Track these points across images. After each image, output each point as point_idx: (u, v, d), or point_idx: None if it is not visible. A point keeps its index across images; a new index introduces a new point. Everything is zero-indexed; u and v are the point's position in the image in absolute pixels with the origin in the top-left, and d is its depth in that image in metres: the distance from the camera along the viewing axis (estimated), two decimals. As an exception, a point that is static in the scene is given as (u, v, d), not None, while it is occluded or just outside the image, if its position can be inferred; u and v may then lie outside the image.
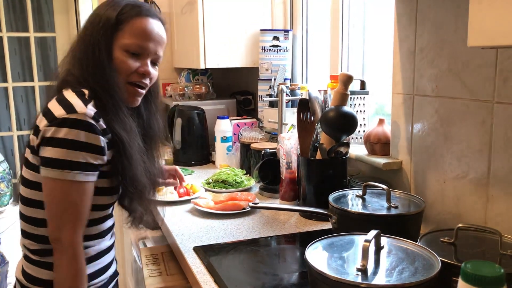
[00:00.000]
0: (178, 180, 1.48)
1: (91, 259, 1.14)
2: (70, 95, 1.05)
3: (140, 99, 1.18)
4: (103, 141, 1.04)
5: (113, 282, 1.25)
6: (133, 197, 1.17)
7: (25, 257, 1.14)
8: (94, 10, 1.17)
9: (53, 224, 1.04)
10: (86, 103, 1.03)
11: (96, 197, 1.09)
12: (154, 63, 1.18)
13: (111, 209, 1.20)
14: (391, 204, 1.16)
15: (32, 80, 3.97)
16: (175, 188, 1.61)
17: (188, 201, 1.66)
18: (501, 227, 1.07)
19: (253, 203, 1.29)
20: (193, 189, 1.74)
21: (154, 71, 1.17)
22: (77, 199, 1.03)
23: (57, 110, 1.02)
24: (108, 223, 1.20)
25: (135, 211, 1.22)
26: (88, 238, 1.13)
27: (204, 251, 1.23)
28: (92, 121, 1.02)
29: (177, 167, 1.49)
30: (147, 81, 1.16)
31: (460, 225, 1.01)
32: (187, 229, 1.41)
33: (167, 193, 1.69)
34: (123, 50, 1.11)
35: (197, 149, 2.27)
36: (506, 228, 1.10)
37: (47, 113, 1.04)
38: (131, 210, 1.21)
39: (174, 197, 1.67)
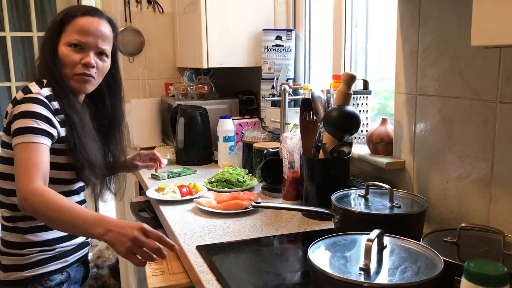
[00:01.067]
0: (157, 162, 1.74)
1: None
2: (31, 84, 1.31)
3: (89, 86, 1.37)
4: (53, 117, 1.25)
5: (83, 250, 1.46)
6: (87, 171, 1.35)
7: (2, 226, 1.35)
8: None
9: (16, 185, 1.16)
10: (41, 87, 1.29)
11: (56, 172, 1.30)
12: (101, 55, 1.37)
13: (75, 186, 1.41)
14: (393, 204, 1.16)
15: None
16: (155, 170, 1.80)
17: (190, 200, 1.66)
18: (504, 227, 1.07)
19: (255, 202, 1.30)
20: (195, 189, 1.75)
21: (100, 62, 1.37)
22: (35, 157, 1.18)
23: (19, 95, 1.28)
24: (74, 198, 1.40)
25: (93, 185, 1.42)
26: None
27: (206, 250, 1.23)
28: (45, 100, 1.26)
29: (155, 151, 1.76)
30: (92, 71, 1.35)
31: (463, 224, 1.01)
32: (190, 228, 1.41)
33: (169, 192, 1.69)
34: (67, 45, 1.33)
35: (199, 149, 2.27)
36: (509, 228, 1.10)
37: (13, 99, 1.29)
38: (90, 183, 1.41)
39: (177, 196, 1.67)
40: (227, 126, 2.17)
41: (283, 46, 2.23)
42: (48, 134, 1.23)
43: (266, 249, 1.28)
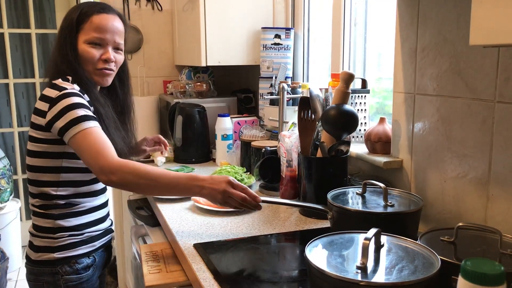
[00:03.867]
0: (162, 146, 1.87)
1: (85, 212, 1.45)
2: (59, 82, 1.37)
3: (110, 79, 1.48)
4: (90, 105, 1.36)
5: (108, 236, 1.56)
6: None
7: (33, 212, 1.45)
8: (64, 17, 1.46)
9: (94, 167, 1.26)
10: (72, 83, 1.37)
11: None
12: (117, 49, 1.46)
13: None
14: (387, 203, 1.16)
15: (33, 76, 3.97)
16: (161, 153, 1.93)
17: (188, 198, 1.66)
18: (501, 227, 1.07)
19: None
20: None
21: (118, 56, 1.47)
22: (101, 139, 1.28)
23: (52, 93, 1.33)
24: (99, 185, 1.49)
25: None
26: (82, 196, 1.44)
27: (204, 248, 1.23)
28: (80, 93, 1.35)
29: (160, 135, 1.89)
30: (111, 66, 1.45)
31: (460, 224, 1.01)
32: (187, 226, 1.41)
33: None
34: (86, 43, 1.40)
35: (197, 147, 2.27)
36: (506, 228, 1.10)
37: (45, 97, 1.34)
38: None
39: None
40: (225, 124, 2.16)
41: (281, 44, 2.23)
42: (94, 118, 1.33)
43: (264, 248, 1.28)
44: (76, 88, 1.36)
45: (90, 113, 1.32)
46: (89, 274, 1.47)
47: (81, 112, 1.29)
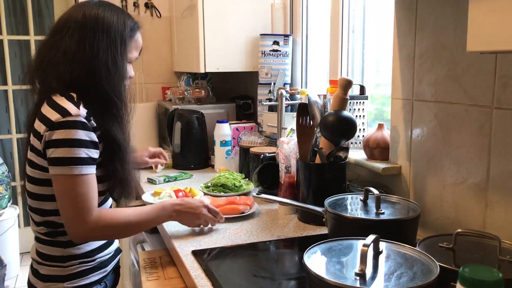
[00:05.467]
0: (162, 158, 1.93)
1: None
2: (60, 99, 1.20)
3: None
4: (95, 137, 1.20)
5: (118, 257, 1.46)
6: (121, 178, 1.31)
7: (38, 239, 1.30)
8: (96, 17, 1.25)
9: (67, 215, 1.19)
10: (77, 105, 1.19)
11: (98, 185, 1.24)
12: None
13: (107, 194, 1.35)
14: (378, 211, 1.16)
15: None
16: (161, 165, 1.99)
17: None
18: (500, 233, 1.07)
19: (257, 193, 1.39)
20: (192, 193, 1.74)
21: None
22: (85, 190, 1.18)
23: (53, 115, 1.17)
24: (107, 205, 1.37)
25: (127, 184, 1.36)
26: None
27: (202, 255, 1.23)
28: (86, 121, 1.18)
29: (162, 149, 1.95)
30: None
31: (459, 230, 1.01)
32: (185, 233, 1.41)
33: (165, 196, 1.68)
34: (129, 62, 1.32)
35: (196, 153, 2.27)
36: (505, 234, 1.10)
37: (43, 118, 1.18)
38: (125, 186, 1.35)
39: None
40: (224, 131, 2.17)
41: (280, 51, 2.24)
42: (93, 160, 1.20)
43: (262, 254, 1.27)
44: (82, 113, 1.18)
45: (90, 154, 1.18)
46: None
47: (77, 152, 1.15)
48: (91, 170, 1.19)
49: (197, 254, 1.24)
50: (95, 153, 1.19)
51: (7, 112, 3.94)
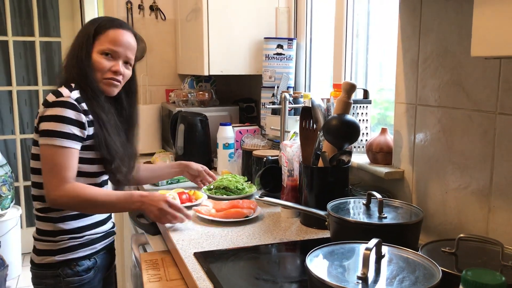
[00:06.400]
0: (208, 177, 1.90)
1: (85, 215, 1.49)
2: (61, 88, 1.43)
3: (116, 90, 1.52)
4: (84, 118, 1.39)
5: (110, 238, 1.61)
6: (115, 163, 1.48)
7: (36, 217, 1.49)
8: (82, 27, 1.55)
9: (45, 180, 1.36)
10: (71, 90, 1.42)
11: (85, 166, 1.45)
12: (126, 64, 1.53)
13: (100, 179, 1.53)
14: (381, 215, 1.16)
15: (36, 84, 3.99)
16: (204, 183, 1.91)
17: (189, 207, 1.66)
18: (503, 238, 1.07)
19: (259, 196, 1.42)
20: (195, 196, 1.74)
21: (126, 70, 1.53)
22: (63, 160, 1.35)
23: (51, 97, 1.40)
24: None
25: (121, 175, 1.54)
26: None
27: (204, 257, 1.23)
28: (75, 102, 1.39)
29: (208, 169, 1.91)
30: (119, 78, 1.50)
31: (461, 235, 1.01)
32: (188, 235, 1.41)
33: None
34: (100, 53, 1.47)
35: (199, 155, 2.26)
36: (507, 239, 1.10)
37: (45, 101, 1.41)
38: (118, 175, 1.53)
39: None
40: (227, 133, 2.17)
41: (284, 54, 2.24)
42: (78, 138, 1.38)
43: (264, 257, 1.27)
44: (73, 96, 1.39)
45: (75, 131, 1.37)
46: (90, 276, 1.51)
47: (61, 127, 1.35)
48: (72, 144, 1.36)
49: (199, 256, 1.24)
50: (79, 132, 1.38)
51: (11, 112, 3.95)
